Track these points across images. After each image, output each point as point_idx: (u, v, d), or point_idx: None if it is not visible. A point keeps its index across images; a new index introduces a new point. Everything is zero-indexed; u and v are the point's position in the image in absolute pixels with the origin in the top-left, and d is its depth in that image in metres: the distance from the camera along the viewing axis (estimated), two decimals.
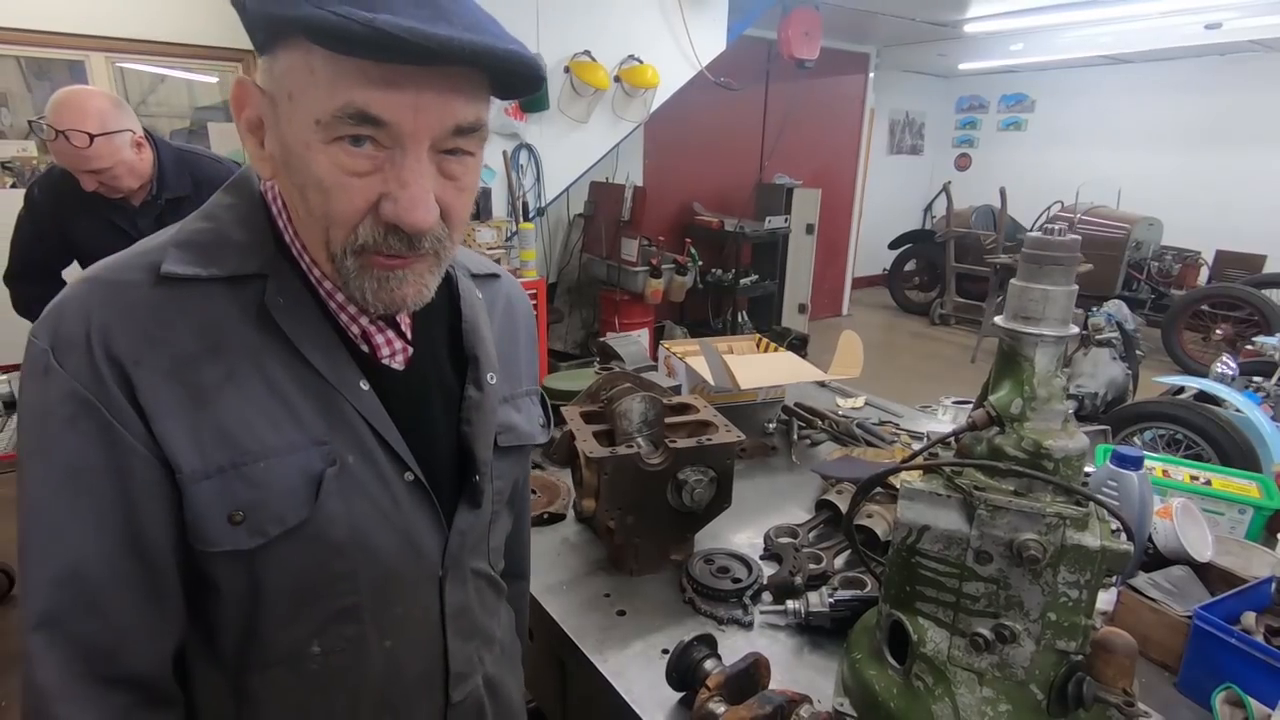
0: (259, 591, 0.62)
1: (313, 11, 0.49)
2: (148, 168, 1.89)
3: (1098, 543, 0.75)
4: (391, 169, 0.55)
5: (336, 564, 0.64)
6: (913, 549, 0.84)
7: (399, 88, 0.52)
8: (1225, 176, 6.94)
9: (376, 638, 0.68)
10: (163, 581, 0.60)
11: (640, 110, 4.32)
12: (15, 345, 2.41)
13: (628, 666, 1.01)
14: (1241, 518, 1.30)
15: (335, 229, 0.57)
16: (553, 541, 1.34)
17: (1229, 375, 3.29)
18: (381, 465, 0.65)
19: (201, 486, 0.58)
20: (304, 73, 0.53)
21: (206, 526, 0.59)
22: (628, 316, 4.84)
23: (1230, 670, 0.93)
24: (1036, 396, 0.79)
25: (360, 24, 0.48)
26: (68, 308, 0.57)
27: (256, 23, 0.54)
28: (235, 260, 0.61)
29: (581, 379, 1.77)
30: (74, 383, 0.55)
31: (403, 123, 0.54)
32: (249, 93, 0.59)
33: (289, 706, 0.67)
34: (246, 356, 0.60)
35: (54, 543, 0.57)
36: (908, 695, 0.85)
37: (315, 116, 0.53)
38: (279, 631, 0.64)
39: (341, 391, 0.63)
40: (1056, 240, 0.78)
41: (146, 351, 0.57)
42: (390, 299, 0.60)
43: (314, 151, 0.54)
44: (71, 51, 3.62)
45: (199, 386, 0.58)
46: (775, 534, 1.31)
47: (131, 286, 0.58)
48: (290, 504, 0.60)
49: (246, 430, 0.59)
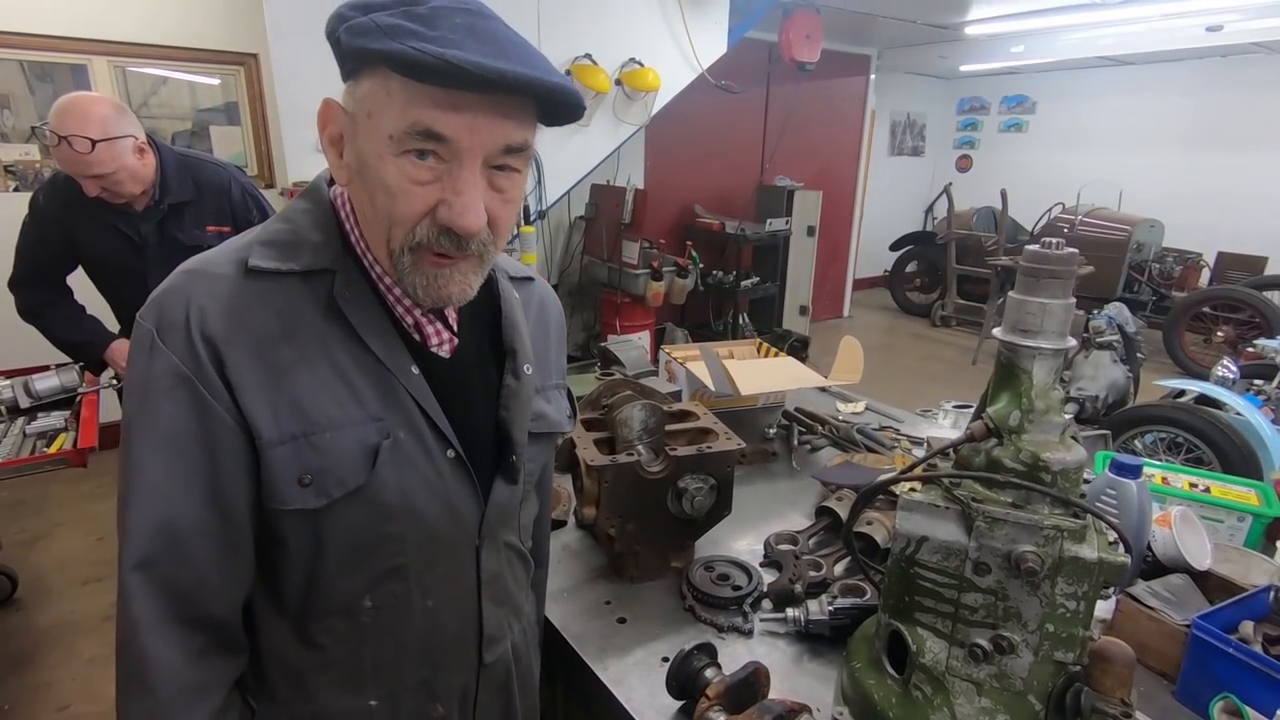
0: (321, 547, 0.71)
1: (395, 46, 0.59)
2: (150, 173, 1.89)
3: (1095, 555, 0.76)
4: (449, 179, 0.65)
5: (388, 526, 0.73)
6: (911, 560, 0.84)
7: (460, 110, 0.62)
8: (1226, 178, 6.93)
9: (420, 596, 0.77)
10: (239, 536, 0.69)
11: (641, 113, 4.32)
12: (17, 350, 2.42)
13: (628, 674, 1.02)
14: (1240, 525, 1.30)
15: (396, 228, 0.66)
16: (553, 548, 1.33)
17: (1230, 378, 3.29)
18: (428, 441, 0.74)
19: (277, 452, 0.67)
20: (382, 95, 0.63)
21: (280, 487, 0.68)
22: (629, 319, 4.84)
23: (1228, 680, 0.93)
24: (1034, 409, 0.80)
25: (433, 57, 0.58)
26: (169, 295, 0.67)
27: (347, 54, 0.64)
28: (310, 257, 0.70)
29: (582, 384, 1.77)
30: (174, 359, 0.65)
31: (460, 140, 0.63)
32: (334, 111, 0.68)
33: (343, 653, 0.77)
34: (316, 341, 0.69)
35: (151, 497, 0.66)
36: (906, 705, 0.85)
37: (389, 132, 0.63)
38: (336, 584, 0.73)
39: (396, 374, 0.72)
40: (1054, 254, 0.78)
41: (234, 333, 0.66)
42: (438, 294, 0.69)
43: (385, 162, 0.64)
44: (74, 55, 3.63)
45: (276, 365, 0.67)
46: (775, 541, 1.32)
47: (223, 277, 0.68)
48: (351, 470, 0.69)
49: (315, 405, 0.68)
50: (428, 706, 0.82)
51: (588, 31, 3.99)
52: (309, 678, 0.77)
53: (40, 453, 1.95)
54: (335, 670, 0.77)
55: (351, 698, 0.78)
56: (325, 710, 0.78)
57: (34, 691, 2.26)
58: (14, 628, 2.55)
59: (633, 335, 4.68)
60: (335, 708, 0.78)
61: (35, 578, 2.82)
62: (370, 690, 0.79)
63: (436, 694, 0.82)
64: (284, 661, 0.76)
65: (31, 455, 1.94)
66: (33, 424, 2.10)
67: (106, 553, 3.00)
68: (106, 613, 2.63)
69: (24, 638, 2.50)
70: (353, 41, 0.61)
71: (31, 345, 2.14)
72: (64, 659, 2.40)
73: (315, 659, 0.76)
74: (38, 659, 2.40)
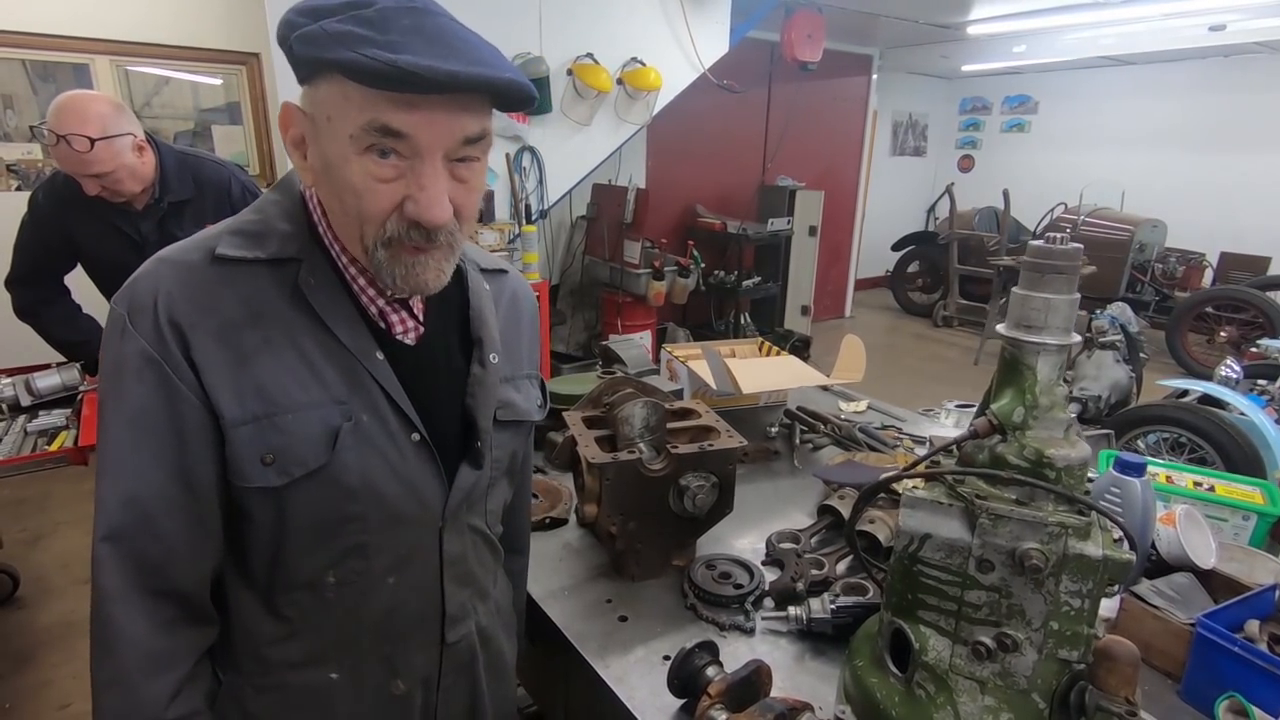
0: (284, 523, 0.74)
1: (347, 55, 0.60)
2: (150, 171, 1.89)
3: (1100, 552, 0.75)
4: (412, 175, 0.67)
5: (349, 506, 0.75)
6: (914, 557, 0.84)
7: (415, 108, 0.64)
8: (1229, 178, 6.92)
9: (382, 573, 0.80)
10: (206, 510, 0.72)
11: (643, 112, 4.32)
12: (16, 348, 2.42)
13: (629, 672, 1.01)
14: (1245, 524, 1.29)
15: (368, 225, 0.69)
16: (555, 547, 1.34)
17: (1233, 378, 3.28)
18: (391, 425, 0.76)
19: (240, 431, 0.70)
20: (340, 99, 0.65)
21: (243, 465, 0.70)
22: (630, 318, 4.84)
23: (1233, 679, 0.92)
24: (1039, 405, 0.79)
25: (385, 64, 0.60)
26: (140, 282, 0.70)
27: (301, 61, 0.65)
28: (277, 245, 0.73)
29: (584, 383, 1.77)
30: (142, 341, 0.68)
31: (419, 136, 0.65)
32: (293, 115, 0.70)
33: (307, 627, 0.80)
34: (281, 326, 0.72)
35: (121, 471, 0.69)
36: (909, 703, 0.85)
37: (349, 133, 0.65)
38: (300, 560, 0.76)
39: (360, 359, 0.75)
40: (1058, 249, 0.78)
41: (200, 317, 0.69)
42: (415, 283, 0.72)
43: (349, 162, 0.66)
44: (76, 54, 3.64)
45: (241, 349, 0.70)
46: (777, 539, 1.31)
47: (191, 265, 0.71)
48: (312, 451, 0.72)
49: (278, 387, 0.71)
50: (389, 683, 0.85)
51: (589, 31, 3.99)
52: (273, 650, 0.80)
53: (41, 450, 1.95)
54: (299, 643, 0.80)
55: (314, 671, 0.81)
56: (288, 682, 0.81)
57: (35, 690, 2.26)
58: (15, 626, 2.55)
59: (634, 335, 4.68)
60: (298, 680, 0.81)
61: (37, 576, 2.82)
62: (332, 663, 0.82)
63: (398, 670, 0.85)
64: (250, 634, 0.79)
65: (33, 453, 1.94)
66: (34, 422, 2.10)
67: None
68: None
69: (25, 636, 2.50)
70: (306, 50, 0.63)
71: (33, 344, 2.14)
72: (65, 657, 2.40)
73: (280, 632, 0.79)
74: (39, 657, 2.40)
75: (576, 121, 4.10)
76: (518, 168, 3.99)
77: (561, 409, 1.44)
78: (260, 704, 0.81)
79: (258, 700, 0.80)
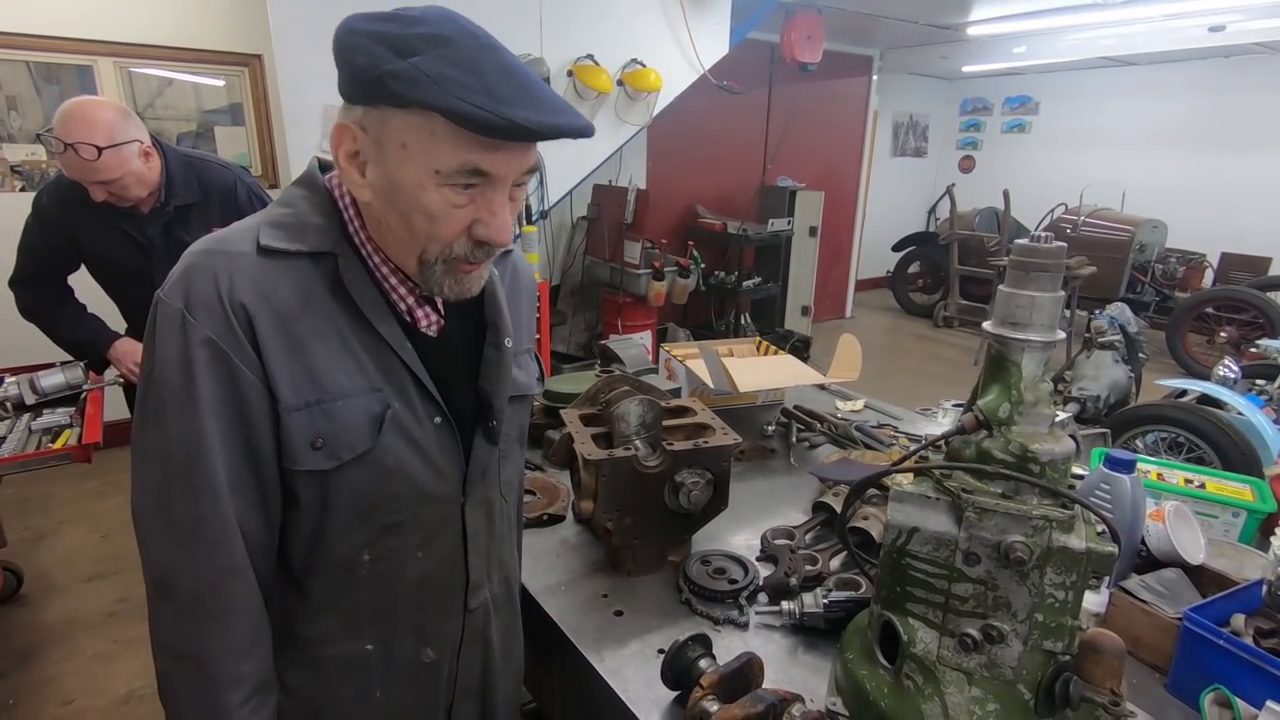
0: (327, 506, 0.78)
1: (460, 104, 0.64)
2: (156, 176, 1.90)
3: (1083, 545, 0.77)
4: (483, 201, 0.73)
5: (388, 487, 0.80)
6: (903, 550, 0.85)
7: (501, 150, 0.70)
8: (1230, 179, 6.92)
9: (413, 549, 0.85)
10: (269, 492, 0.77)
11: (643, 113, 4.33)
12: (19, 347, 2.43)
13: (624, 666, 1.03)
14: (1235, 521, 1.30)
15: (433, 244, 0.74)
16: (552, 542, 1.35)
17: (1231, 378, 3.29)
18: (419, 410, 0.81)
19: (295, 416, 0.74)
20: (424, 133, 0.68)
21: (295, 449, 0.74)
22: (630, 319, 4.86)
23: (1219, 671, 0.94)
24: (1024, 401, 0.81)
25: (502, 119, 0.65)
26: (195, 272, 0.71)
27: (383, 93, 0.67)
28: (315, 239, 0.76)
29: (582, 382, 1.78)
30: (207, 331, 0.70)
31: (499, 173, 0.71)
32: (352, 133, 0.72)
33: (343, 604, 0.84)
34: (326, 317, 0.76)
35: (211, 456, 0.72)
36: (898, 695, 0.86)
37: (436, 167, 0.69)
38: (340, 540, 0.81)
39: (394, 349, 0.79)
40: (1043, 247, 0.79)
41: (260, 305, 0.72)
42: (462, 291, 0.79)
43: (428, 191, 0.71)
44: (79, 56, 3.66)
45: (295, 337, 0.74)
46: (772, 535, 1.33)
47: (243, 255, 0.73)
48: (359, 436, 0.77)
49: (328, 375, 0.75)
50: (420, 650, 0.90)
51: (590, 32, 4.01)
52: (308, 627, 0.84)
53: (45, 449, 1.97)
54: (333, 619, 0.84)
55: (349, 644, 0.86)
56: (325, 656, 0.85)
57: (39, 686, 2.28)
58: (19, 623, 2.57)
59: (633, 335, 4.69)
60: (334, 654, 0.86)
61: (40, 574, 2.85)
62: (367, 636, 0.86)
63: (428, 639, 0.90)
64: (285, 613, 0.83)
65: (37, 451, 1.96)
66: (38, 420, 2.12)
67: (111, 549, 3.02)
68: (110, 609, 2.65)
69: (29, 633, 2.52)
70: (403, 89, 0.65)
71: (37, 342, 2.15)
72: (68, 654, 2.42)
73: (314, 609, 0.84)
74: (42, 654, 2.42)
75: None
76: None
77: (559, 407, 1.45)
78: (298, 677, 0.85)
79: (295, 673, 0.85)
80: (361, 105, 0.71)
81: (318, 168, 0.81)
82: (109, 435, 2.05)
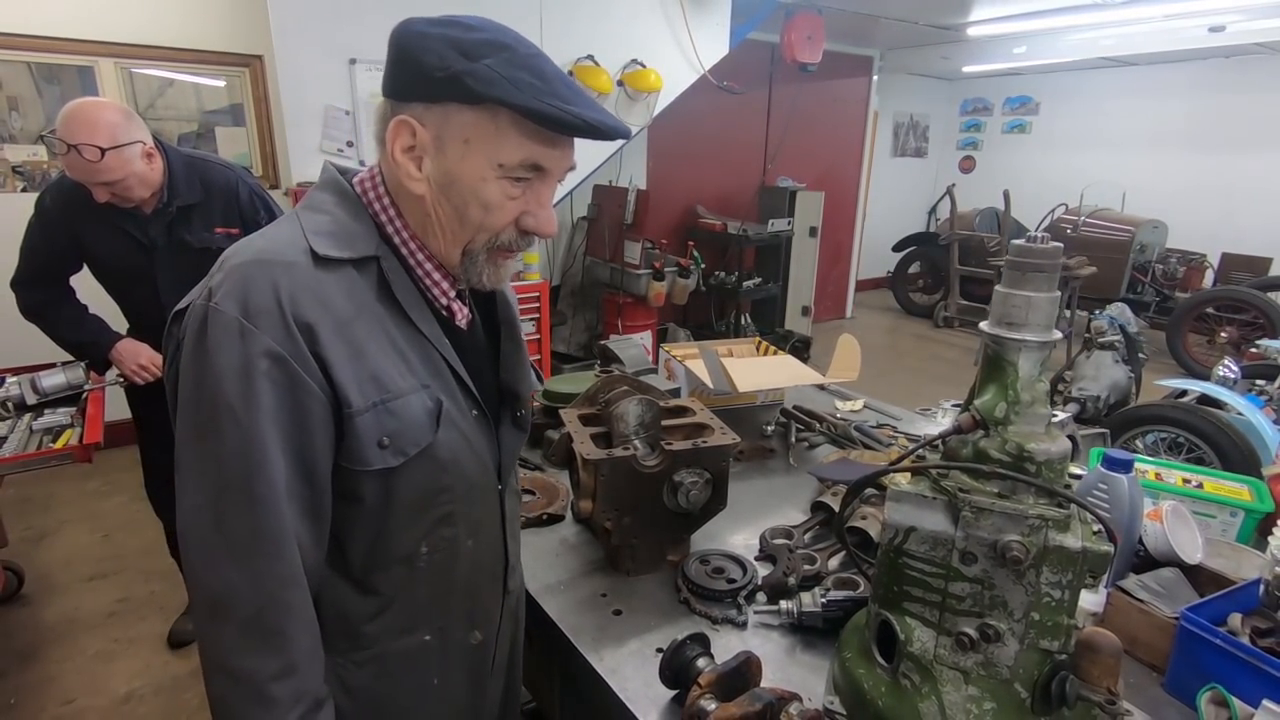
0: (390, 502, 0.81)
1: (535, 102, 0.70)
2: (158, 176, 1.91)
3: (1079, 544, 0.77)
4: (532, 194, 0.79)
5: (443, 479, 0.84)
6: (900, 550, 0.85)
7: (558, 146, 0.76)
8: (1230, 179, 6.92)
9: (464, 538, 0.89)
10: (320, 502, 0.77)
11: (643, 114, 4.34)
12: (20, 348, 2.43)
13: (623, 665, 1.03)
14: (1233, 520, 1.31)
15: (483, 234, 0.79)
16: (551, 542, 1.36)
17: (1231, 378, 3.29)
18: (460, 402, 0.85)
19: (363, 419, 0.76)
20: (489, 129, 0.73)
21: (364, 450, 0.76)
22: (631, 319, 4.86)
23: (1216, 671, 0.94)
24: (1020, 400, 0.81)
25: (571, 116, 0.71)
26: (253, 283, 0.71)
27: (447, 88, 0.71)
28: (361, 245, 0.79)
29: (582, 382, 1.78)
30: (269, 340, 0.70)
31: (553, 167, 0.78)
32: (411, 128, 0.75)
33: (403, 598, 0.87)
34: (376, 320, 0.78)
35: (268, 464, 0.72)
36: (895, 694, 0.86)
37: (500, 161, 0.74)
38: (400, 535, 0.84)
39: (436, 346, 0.83)
40: (1039, 248, 0.79)
41: (320, 314, 0.73)
42: (498, 280, 0.84)
43: (488, 183, 0.76)
44: (80, 56, 3.66)
45: (354, 342, 0.76)
46: (771, 535, 1.33)
47: (299, 265, 0.74)
48: (421, 431, 0.80)
49: (387, 375, 0.77)
50: (469, 635, 0.94)
51: (590, 32, 4.01)
52: (371, 626, 0.86)
53: (46, 448, 1.98)
54: (394, 615, 0.87)
55: (409, 637, 0.89)
56: (386, 652, 0.87)
57: (40, 685, 2.29)
58: (20, 623, 2.57)
59: (633, 335, 4.70)
60: (395, 649, 0.88)
61: (42, 574, 2.85)
62: (424, 627, 0.89)
63: (476, 622, 0.95)
64: (345, 616, 0.84)
65: (38, 451, 1.96)
66: (39, 420, 2.13)
67: (112, 549, 3.03)
68: (111, 608, 2.66)
69: (30, 633, 2.52)
70: (485, 90, 0.70)
71: (38, 343, 2.16)
72: (69, 653, 2.43)
73: (376, 607, 0.85)
74: (43, 653, 2.42)
75: None
76: None
77: (559, 407, 1.46)
78: (360, 677, 0.86)
79: (358, 674, 0.86)
80: (422, 102, 0.74)
81: (337, 172, 0.83)
82: (110, 435, 2.05)
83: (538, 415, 1.78)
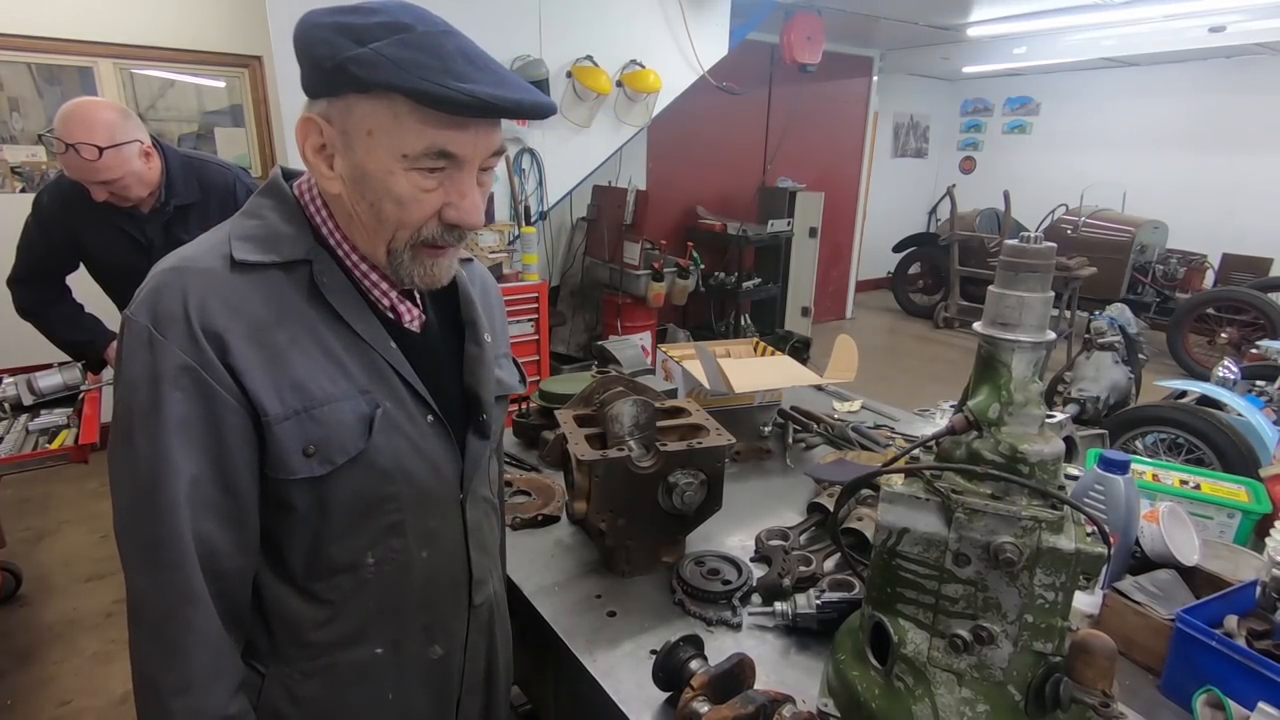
0: (325, 511, 0.78)
1: (423, 83, 0.65)
2: (156, 176, 1.91)
3: (1072, 545, 0.76)
4: (451, 184, 0.74)
5: (385, 487, 0.81)
6: (893, 551, 0.85)
7: (466, 129, 0.71)
8: (1231, 180, 6.92)
9: (417, 549, 0.86)
10: (244, 512, 0.75)
11: (643, 114, 4.34)
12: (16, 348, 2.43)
13: (616, 666, 1.03)
14: (1230, 522, 1.30)
15: (403, 230, 0.75)
16: (546, 543, 1.35)
17: (1231, 379, 3.28)
18: (410, 408, 0.82)
19: (283, 427, 0.73)
20: (388, 117, 0.69)
21: (287, 459, 0.74)
22: (630, 319, 4.86)
23: (1211, 673, 0.93)
24: (1013, 401, 0.80)
25: (463, 95, 0.66)
26: (163, 292, 0.70)
27: (345, 80, 0.68)
28: (287, 248, 0.76)
29: (579, 382, 1.78)
30: (177, 351, 0.69)
31: (466, 154, 0.72)
32: (317, 126, 0.73)
33: (349, 609, 0.83)
34: (303, 325, 0.75)
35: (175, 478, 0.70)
36: (889, 695, 0.86)
37: (402, 151, 0.70)
38: (341, 544, 0.81)
39: (378, 350, 0.79)
40: (1032, 248, 0.79)
41: (232, 321, 0.71)
42: (432, 279, 0.79)
43: (396, 176, 0.71)
44: (80, 57, 3.67)
45: (273, 348, 0.73)
46: (766, 536, 1.32)
47: (213, 271, 0.73)
48: (350, 438, 0.76)
49: (312, 382, 0.75)
50: (428, 649, 0.90)
51: (589, 33, 4.02)
52: (317, 634, 0.83)
53: (43, 449, 1.97)
54: (341, 624, 0.83)
55: (359, 648, 0.85)
56: (335, 663, 0.84)
57: (37, 686, 2.28)
58: (18, 624, 2.57)
59: (631, 336, 4.69)
60: (344, 659, 0.85)
61: (39, 575, 2.85)
62: (376, 639, 0.86)
63: (435, 637, 0.91)
64: (291, 624, 0.82)
65: (34, 451, 1.96)
66: (35, 421, 2.13)
67: (110, 550, 3.02)
68: (109, 609, 2.65)
69: (28, 633, 2.52)
70: (364, 73, 0.66)
71: (35, 343, 2.16)
72: (67, 654, 2.42)
73: (322, 616, 0.82)
74: (41, 654, 2.42)
75: (576, 123, 4.12)
76: (518, 169, 4.01)
77: (555, 408, 1.45)
78: (309, 688, 0.84)
79: (307, 684, 0.83)
80: (325, 97, 0.71)
81: (281, 176, 0.81)
82: (106, 435, 2.05)
83: (534, 416, 1.78)
